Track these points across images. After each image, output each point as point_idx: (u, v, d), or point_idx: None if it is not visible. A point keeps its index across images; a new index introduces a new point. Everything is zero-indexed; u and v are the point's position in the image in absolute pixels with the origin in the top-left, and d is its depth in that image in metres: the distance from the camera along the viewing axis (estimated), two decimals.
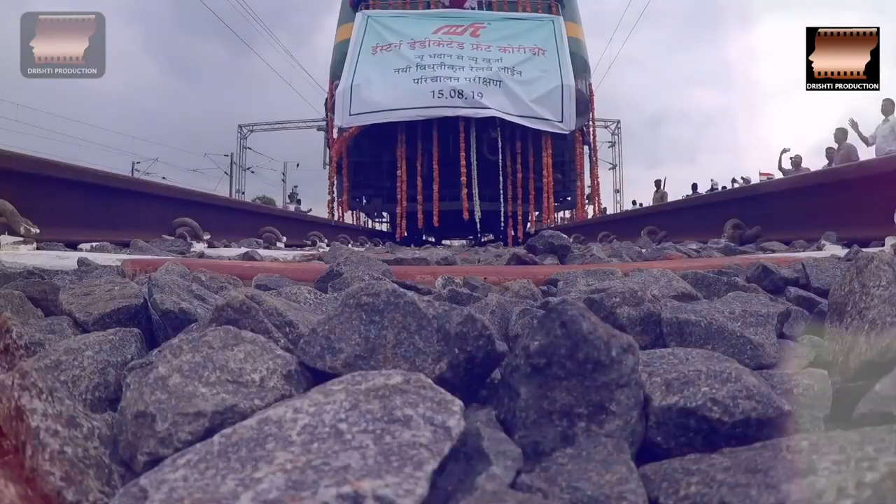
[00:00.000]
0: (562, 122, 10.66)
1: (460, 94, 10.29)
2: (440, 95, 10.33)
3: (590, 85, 12.03)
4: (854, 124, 8.70)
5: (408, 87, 10.46)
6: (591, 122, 12.38)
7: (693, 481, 0.41)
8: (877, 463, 0.35)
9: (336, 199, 12.08)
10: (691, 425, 0.51)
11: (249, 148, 27.99)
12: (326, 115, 12.34)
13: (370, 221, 14.34)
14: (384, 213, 13.40)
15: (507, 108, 10.43)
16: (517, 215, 11.25)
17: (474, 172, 10.63)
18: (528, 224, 12.75)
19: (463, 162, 10.65)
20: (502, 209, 11.01)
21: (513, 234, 11.07)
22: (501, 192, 10.92)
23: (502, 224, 11.30)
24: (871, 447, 0.38)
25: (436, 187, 10.71)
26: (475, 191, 10.67)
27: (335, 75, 11.10)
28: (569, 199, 12.68)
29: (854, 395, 0.58)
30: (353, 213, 13.27)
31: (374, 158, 11.63)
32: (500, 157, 10.79)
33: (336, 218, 11.79)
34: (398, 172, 11.01)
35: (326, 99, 12.30)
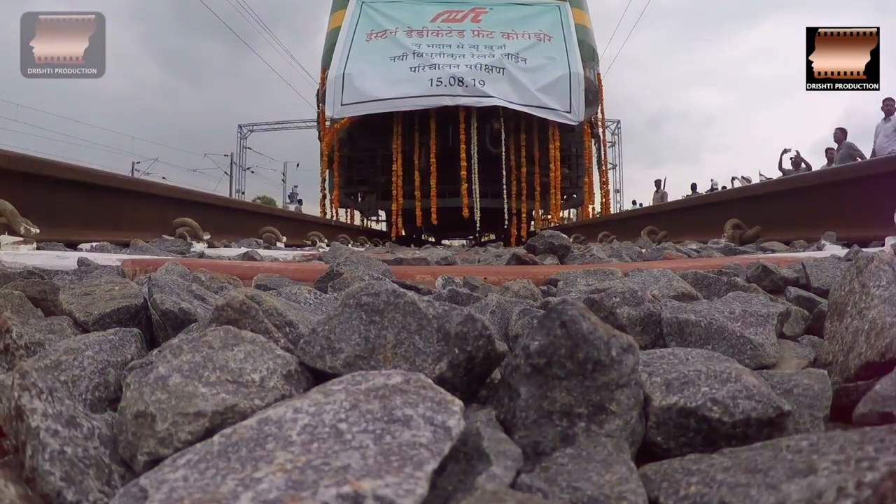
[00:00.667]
0: (570, 112, 9.79)
1: (461, 81, 9.46)
2: (439, 83, 9.48)
3: (598, 74, 11.10)
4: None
5: (404, 76, 9.63)
6: (600, 114, 11.43)
7: (693, 481, 0.41)
8: (877, 463, 0.35)
9: (328, 195, 11.31)
10: (691, 425, 0.51)
11: (249, 148, 28.02)
12: (318, 106, 11.41)
13: (366, 220, 13.44)
14: (380, 211, 12.54)
15: (511, 96, 9.58)
16: (521, 213, 10.50)
17: (475, 166, 9.86)
18: (533, 223, 11.84)
19: (463, 155, 9.86)
20: (505, 206, 10.21)
21: (516, 233, 10.35)
22: (504, 187, 10.13)
23: (505, 222, 10.54)
24: (871, 447, 0.38)
25: (434, 182, 9.95)
26: (475, 186, 9.92)
27: (328, 64, 10.29)
28: (575, 196, 11.68)
29: (854, 395, 0.58)
30: (346, 212, 12.43)
31: (367, 152, 10.84)
32: (504, 149, 9.99)
33: (329, 216, 11.00)
34: (393, 167, 10.18)
35: (318, 89, 11.39)
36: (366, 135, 10.58)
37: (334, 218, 10.97)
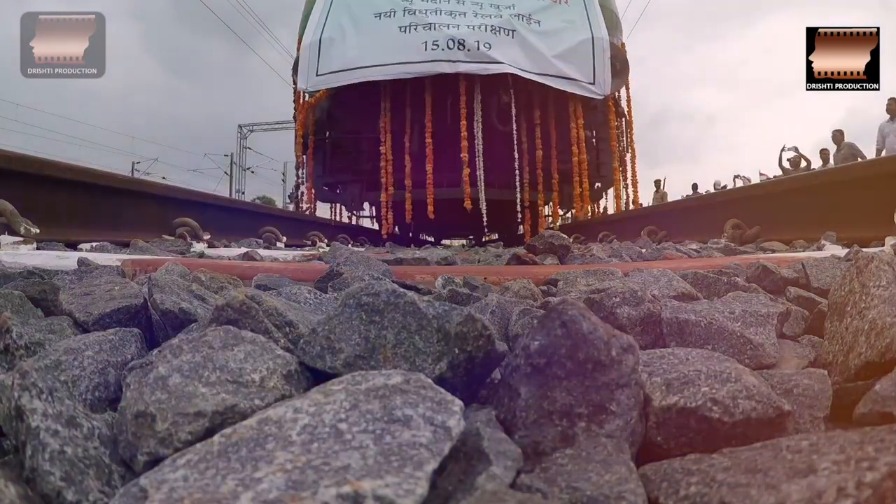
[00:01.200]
0: (593, 83, 8.10)
1: (461, 44, 7.66)
2: (434, 47, 7.68)
3: (622, 45, 9.30)
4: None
5: (392, 37, 7.84)
6: (625, 88, 9.48)
7: (693, 481, 0.41)
8: (877, 463, 0.35)
9: (303, 185, 9.56)
10: (691, 425, 0.51)
11: (249, 148, 28.03)
12: (293, 81, 9.33)
13: (352, 216, 11.20)
14: (366, 205, 10.54)
15: (523, 63, 7.82)
16: (537, 206, 8.67)
17: (479, 148, 7.98)
18: (550, 218, 9.78)
19: (464, 133, 7.96)
20: (518, 198, 8.27)
21: (530, 231, 8.46)
22: (517, 173, 8.19)
23: (519, 218, 8.50)
24: (871, 447, 0.38)
25: (429, 168, 8.14)
26: (480, 172, 8.03)
27: (305, 31, 8.59)
28: (598, 185, 9.74)
29: (854, 395, 0.58)
30: (333, 208, 10.44)
31: (351, 134, 9.09)
32: (514, 128, 8.11)
33: (306, 210, 9.21)
34: (381, 150, 8.32)
35: (295, 62, 9.30)
36: (348, 114, 8.82)
37: (313, 212, 9.28)
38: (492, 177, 8.24)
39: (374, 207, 10.25)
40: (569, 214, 9.86)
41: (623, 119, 9.73)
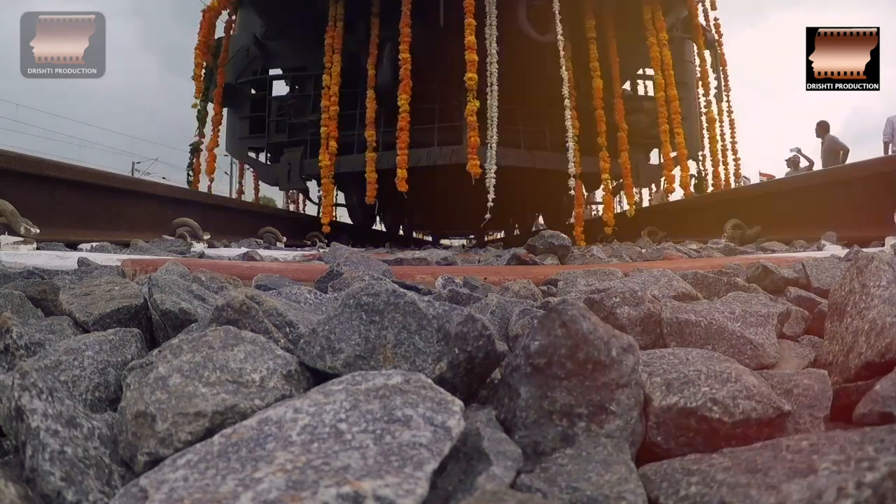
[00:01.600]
0: None
1: None
2: None
3: None
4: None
5: None
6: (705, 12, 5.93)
7: (693, 481, 0.41)
8: (877, 463, 0.35)
9: (199, 151, 5.85)
10: (691, 425, 0.51)
11: None
12: None
13: (295, 201, 6.55)
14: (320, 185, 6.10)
15: None
16: (604, 181, 5.12)
17: (493, 72, 4.39)
18: (625, 203, 6.18)
19: (469, 38, 4.37)
20: (571, 166, 4.67)
21: (579, 225, 5.08)
22: (568, 123, 4.58)
23: (571, 193, 4.92)
24: (871, 447, 0.38)
25: (403, 109, 4.61)
26: (493, 114, 4.40)
27: None
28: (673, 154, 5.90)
29: (854, 395, 0.58)
30: (292, 196, 6.58)
31: (289, 71, 5.70)
32: (559, 43, 4.50)
33: (208, 189, 5.83)
34: (325, 80, 4.99)
35: None
36: (284, 39, 5.51)
37: (238, 195, 5.99)
38: (512, 131, 4.67)
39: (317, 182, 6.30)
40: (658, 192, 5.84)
41: (713, 50, 6.00)
